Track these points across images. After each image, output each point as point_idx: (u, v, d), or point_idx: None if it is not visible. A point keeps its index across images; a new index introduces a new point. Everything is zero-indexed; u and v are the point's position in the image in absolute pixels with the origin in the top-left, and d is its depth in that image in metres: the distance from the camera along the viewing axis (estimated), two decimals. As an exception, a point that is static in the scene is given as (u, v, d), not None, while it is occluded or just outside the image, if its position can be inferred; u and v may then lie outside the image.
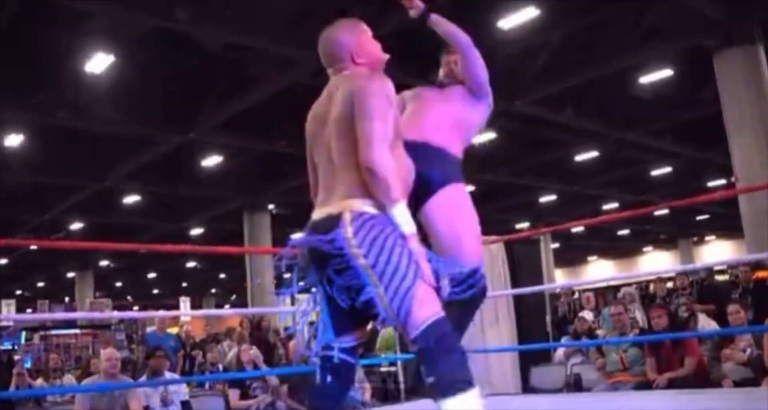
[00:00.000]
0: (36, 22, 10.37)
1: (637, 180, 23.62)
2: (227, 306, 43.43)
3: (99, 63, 11.50)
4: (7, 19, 9.67)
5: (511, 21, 11.45)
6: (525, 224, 28.40)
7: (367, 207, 2.41)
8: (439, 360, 2.20)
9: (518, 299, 8.15)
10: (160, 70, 12.70)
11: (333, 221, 2.42)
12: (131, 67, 12.09)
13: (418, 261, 2.35)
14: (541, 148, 18.68)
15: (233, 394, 6.97)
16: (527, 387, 7.05)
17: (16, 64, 11.46)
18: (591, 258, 42.71)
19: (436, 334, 2.23)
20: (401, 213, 2.41)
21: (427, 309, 2.28)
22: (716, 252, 36.90)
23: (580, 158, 20.14)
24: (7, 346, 18.20)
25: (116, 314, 15.74)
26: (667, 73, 14.21)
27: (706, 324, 7.34)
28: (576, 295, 12.05)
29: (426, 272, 2.35)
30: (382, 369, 9.36)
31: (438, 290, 2.42)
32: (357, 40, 2.78)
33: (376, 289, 2.30)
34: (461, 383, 2.17)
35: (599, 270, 42.02)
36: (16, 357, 14.22)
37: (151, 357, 6.91)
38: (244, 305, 24.95)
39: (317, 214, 2.54)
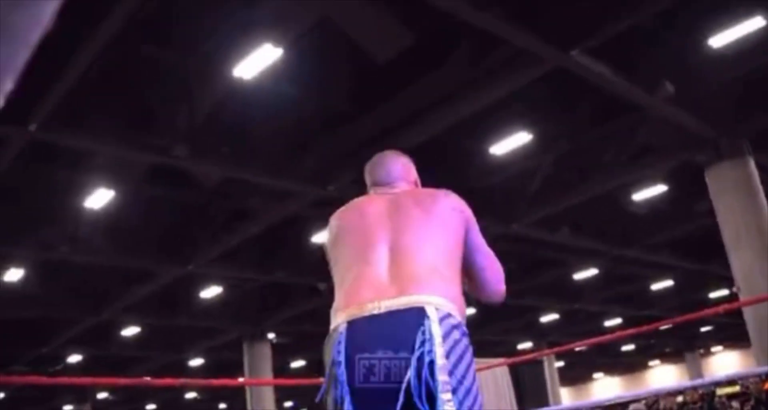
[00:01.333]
0: (37, 160, 10.59)
1: (639, 295, 23.57)
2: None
3: (99, 199, 11.65)
4: (9, 158, 9.86)
5: (503, 146, 11.71)
6: (528, 344, 28.11)
7: (455, 312, 1.98)
8: None
9: (526, 423, 8.02)
10: (159, 204, 12.92)
11: (411, 315, 1.92)
12: (131, 202, 12.27)
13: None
14: (540, 268, 18.74)
15: None
16: None
17: (17, 200, 11.63)
18: (597, 375, 42.03)
19: None
20: None
21: None
22: (724, 363, 36.42)
23: (579, 276, 20.17)
24: None
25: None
26: (660, 188, 14.44)
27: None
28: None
29: None
30: None
31: None
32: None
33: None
34: None
35: (605, 387, 41.27)
36: None
37: None
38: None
39: (374, 307, 1.97)
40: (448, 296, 1.99)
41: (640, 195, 14.68)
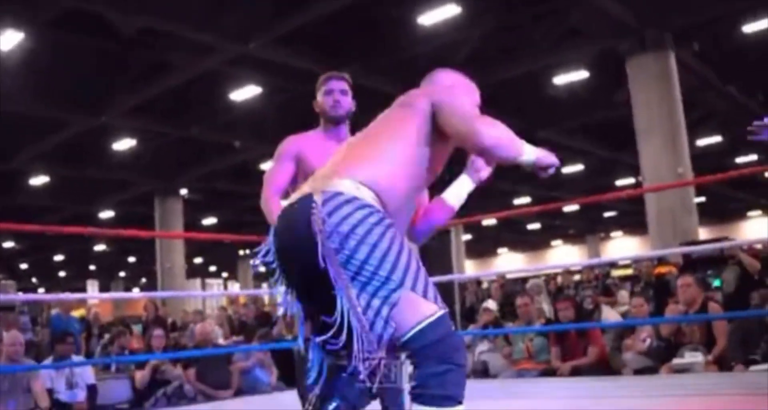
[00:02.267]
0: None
1: (549, 177, 24.07)
2: (136, 290, 42.72)
3: (8, 40, 11.12)
4: None
5: (432, 17, 11.56)
6: (438, 217, 28.65)
7: (352, 191, 1.95)
8: (433, 367, 1.82)
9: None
10: (73, 51, 12.40)
11: (302, 203, 1.96)
12: (42, 47, 11.76)
13: (414, 263, 1.96)
14: (457, 142, 18.91)
15: (140, 374, 6.89)
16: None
17: None
18: (501, 250, 43.40)
19: (436, 335, 1.85)
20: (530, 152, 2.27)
21: (418, 311, 1.87)
22: (622, 248, 38.02)
23: (494, 153, 20.45)
24: None
25: (21, 296, 15.27)
26: (582, 74, 14.57)
27: (610, 315, 7.59)
28: (485, 285, 12.28)
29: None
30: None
31: None
32: None
33: (345, 291, 1.86)
34: (451, 397, 1.81)
35: (509, 262, 42.72)
36: None
37: (60, 343, 6.80)
38: (154, 288, 24.60)
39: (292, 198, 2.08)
40: (361, 176, 1.99)
41: (562, 79, 14.80)
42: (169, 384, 6.83)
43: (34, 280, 41.45)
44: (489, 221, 30.12)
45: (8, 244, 29.19)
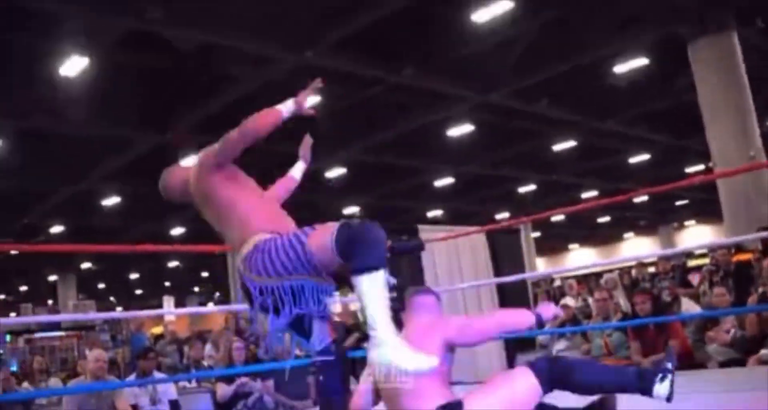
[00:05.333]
0: (8, 27, 10.27)
1: (615, 168, 23.75)
2: (211, 304, 43.30)
3: (73, 66, 11.39)
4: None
5: (485, 14, 11.42)
6: (505, 214, 28.48)
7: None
8: (356, 250, 2.56)
9: (501, 288, 8.21)
10: (135, 71, 12.64)
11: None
12: (105, 69, 11.99)
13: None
14: (519, 139, 18.73)
15: (222, 389, 6.92)
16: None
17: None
18: (572, 246, 42.86)
19: (345, 238, 2.59)
20: None
21: (321, 235, 2.68)
22: (696, 237, 37.05)
23: (557, 147, 20.22)
24: (-8, 350, 17.92)
25: (101, 315, 15.56)
26: (642, 62, 14.27)
27: (690, 307, 7.40)
28: (558, 282, 12.10)
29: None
30: None
31: None
32: None
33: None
34: (371, 266, 2.52)
35: (581, 258, 42.14)
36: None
37: (142, 359, 6.92)
38: (228, 302, 24.89)
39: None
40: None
41: (622, 68, 14.52)
42: (249, 396, 6.88)
43: (112, 299, 42.36)
44: (557, 217, 29.78)
45: (85, 265, 29.85)
